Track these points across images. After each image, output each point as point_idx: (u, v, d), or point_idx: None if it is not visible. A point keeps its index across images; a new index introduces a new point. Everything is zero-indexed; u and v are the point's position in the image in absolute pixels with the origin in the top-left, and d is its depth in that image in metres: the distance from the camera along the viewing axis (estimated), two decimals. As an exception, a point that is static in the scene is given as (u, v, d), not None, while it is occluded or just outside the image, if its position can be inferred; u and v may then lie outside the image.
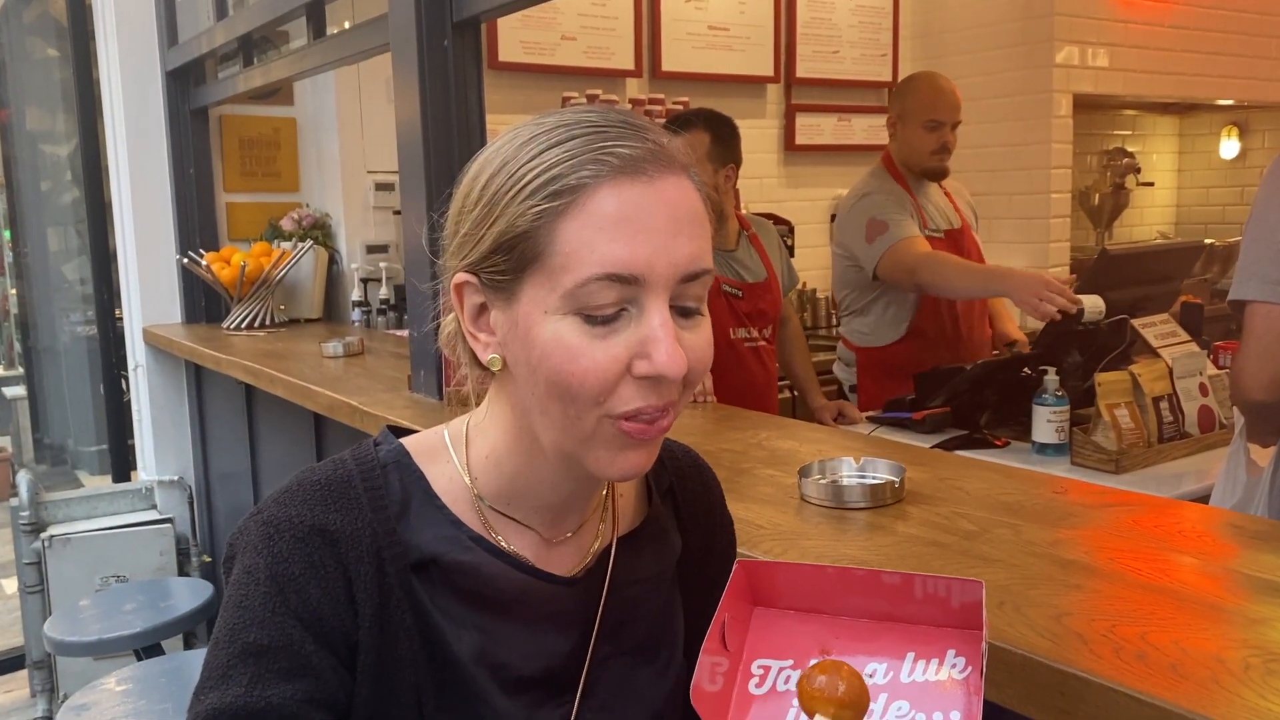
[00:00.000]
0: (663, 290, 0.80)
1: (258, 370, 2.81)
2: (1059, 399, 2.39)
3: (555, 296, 0.79)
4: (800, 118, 4.82)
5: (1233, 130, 6.05)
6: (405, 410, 2.11)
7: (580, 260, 0.78)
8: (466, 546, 0.88)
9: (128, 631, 2.63)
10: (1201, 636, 0.99)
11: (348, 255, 3.90)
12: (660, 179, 0.80)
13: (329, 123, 3.90)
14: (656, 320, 0.80)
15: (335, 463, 0.90)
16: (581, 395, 0.80)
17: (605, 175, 0.79)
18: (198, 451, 3.98)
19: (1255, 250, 1.75)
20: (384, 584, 0.85)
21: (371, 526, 0.86)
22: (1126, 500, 1.47)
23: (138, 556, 3.64)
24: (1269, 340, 1.71)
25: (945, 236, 2.98)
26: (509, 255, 0.81)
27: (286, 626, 0.81)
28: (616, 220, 0.78)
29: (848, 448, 1.78)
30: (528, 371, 0.82)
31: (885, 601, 0.84)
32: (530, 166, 0.80)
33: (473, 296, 0.85)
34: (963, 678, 0.80)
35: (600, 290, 0.78)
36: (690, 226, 0.82)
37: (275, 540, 0.83)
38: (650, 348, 0.79)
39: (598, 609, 0.93)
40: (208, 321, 3.89)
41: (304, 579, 0.82)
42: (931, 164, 2.97)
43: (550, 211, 0.79)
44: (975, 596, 0.80)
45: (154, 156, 3.85)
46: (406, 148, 2.23)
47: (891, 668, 0.82)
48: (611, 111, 0.85)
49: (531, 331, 0.81)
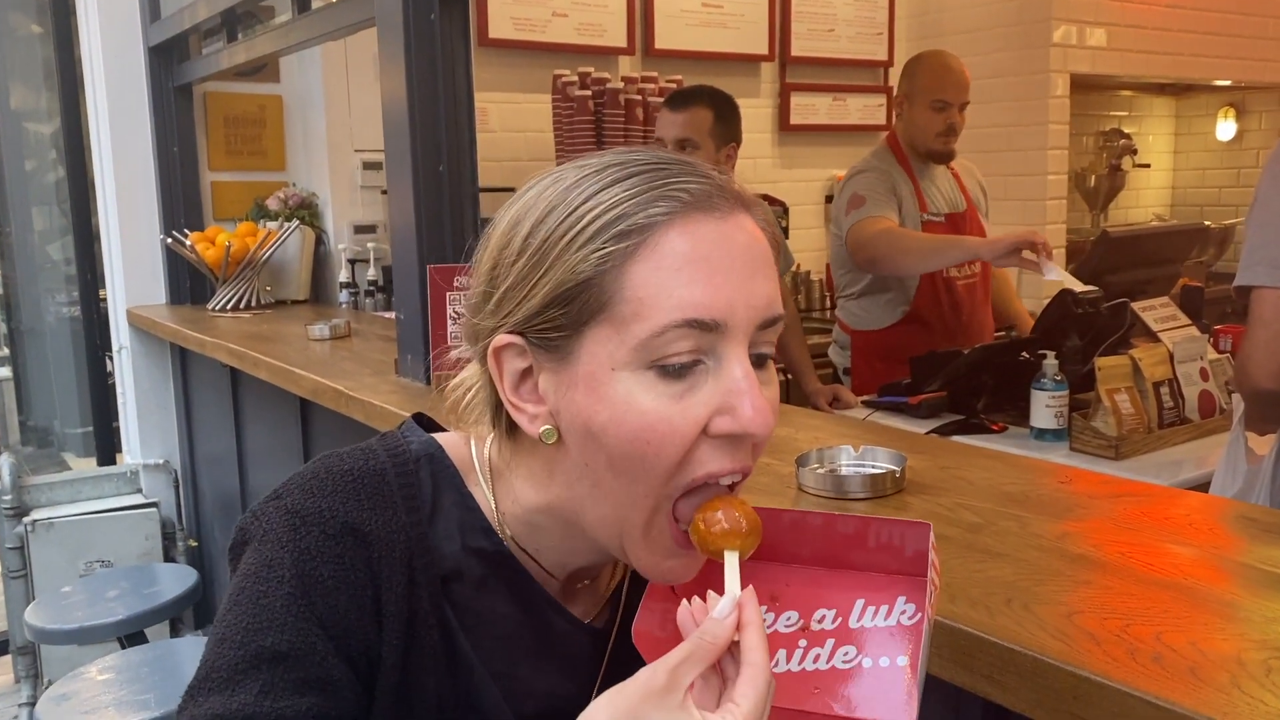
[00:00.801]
0: (742, 337, 0.74)
1: (242, 353, 2.76)
2: (1058, 384, 2.35)
3: (625, 350, 0.72)
4: (795, 97, 4.76)
5: (1229, 111, 6.00)
6: (391, 395, 2.06)
7: (655, 306, 0.71)
8: (495, 561, 0.82)
9: (110, 619, 2.58)
10: (1219, 637, 0.95)
11: (335, 235, 3.83)
12: (731, 216, 0.75)
13: (315, 100, 3.83)
14: (739, 371, 0.73)
15: (365, 452, 0.83)
16: (656, 466, 0.73)
17: (677, 211, 0.72)
18: (183, 435, 3.92)
19: (1262, 234, 1.70)
20: (414, 597, 0.78)
21: (405, 530, 0.79)
22: (1133, 491, 1.43)
23: (122, 541, 3.59)
24: (1277, 327, 1.67)
25: (946, 220, 2.93)
26: (567, 308, 0.73)
27: (309, 634, 0.74)
28: (693, 260, 0.72)
29: (845, 435, 1.73)
30: (586, 440, 0.75)
31: (839, 548, 0.83)
32: (588, 207, 0.73)
33: (515, 361, 0.77)
34: (911, 624, 0.80)
35: (677, 339, 0.71)
36: (765, 268, 0.76)
37: (302, 533, 0.76)
38: (735, 401, 0.73)
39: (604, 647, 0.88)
40: (193, 303, 3.82)
41: (332, 582, 0.75)
42: (936, 146, 2.91)
43: (618, 254, 0.72)
44: (924, 541, 0.80)
45: (137, 134, 3.78)
46: (392, 126, 2.17)
47: (840, 613, 0.82)
48: (658, 151, 0.79)
49: (597, 392, 0.73)
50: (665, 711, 0.65)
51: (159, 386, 3.93)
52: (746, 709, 0.66)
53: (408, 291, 2.16)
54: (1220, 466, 1.98)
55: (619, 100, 4.00)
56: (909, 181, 2.93)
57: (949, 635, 0.99)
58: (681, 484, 0.74)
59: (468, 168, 2.14)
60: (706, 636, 0.69)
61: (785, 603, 0.84)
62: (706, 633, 0.69)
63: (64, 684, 2.29)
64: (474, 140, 2.15)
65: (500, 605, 0.83)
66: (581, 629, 0.86)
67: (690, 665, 0.68)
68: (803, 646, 0.82)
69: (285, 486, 0.80)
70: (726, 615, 0.70)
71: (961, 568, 1.13)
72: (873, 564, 0.83)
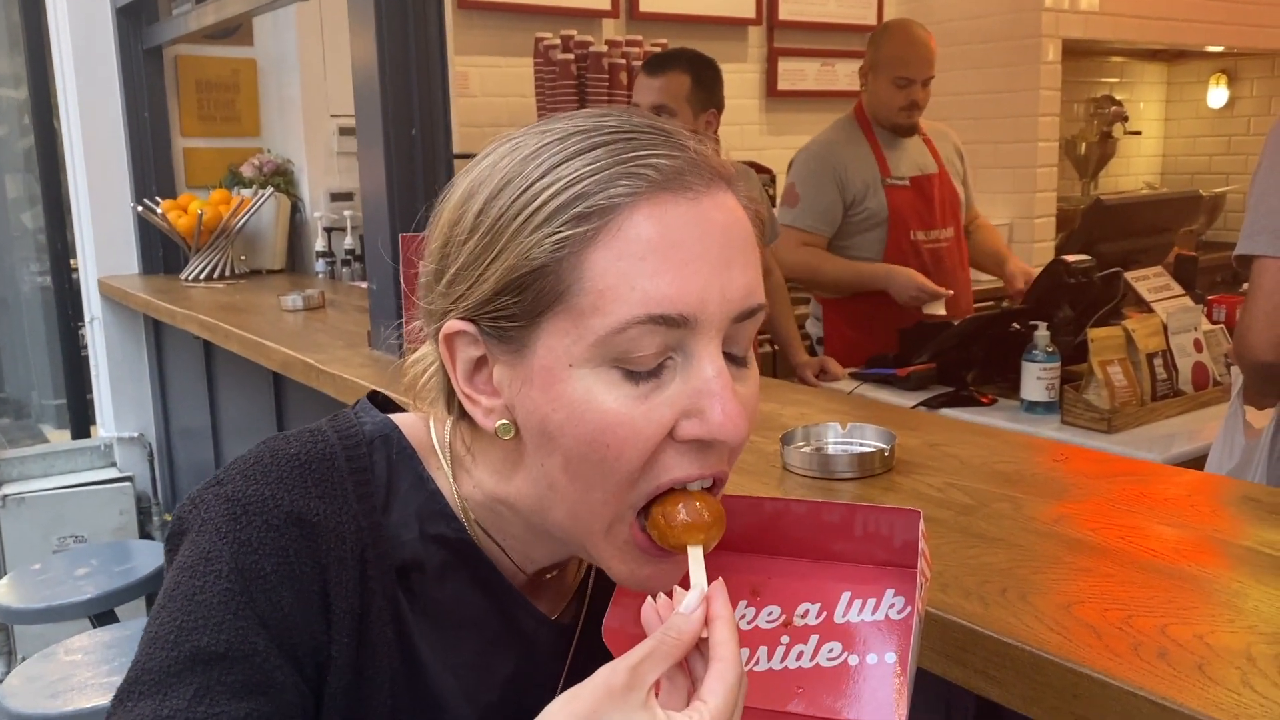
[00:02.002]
0: (715, 333, 0.66)
1: (213, 325, 2.68)
2: (1049, 355, 2.29)
3: (584, 345, 0.65)
4: (782, 62, 4.66)
5: (1221, 78, 5.93)
6: (363, 369, 1.99)
7: (617, 298, 0.64)
8: (456, 548, 0.76)
9: (79, 598, 2.51)
10: (1227, 630, 0.89)
11: (311, 203, 3.74)
12: (706, 195, 0.67)
13: (290, 64, 3.73)
14: (710, 370, 0.66)
15: (314, 435, 0.76)
16: (615, 472, 0.66)
17: (643, 192, 0.65)
18: (158, 407, 3.85)
19: (1266, 203, 1.64)
20: (366, 590, 0.72)
21: (356, 519, 0.72)
22: (1131, 469, 1.37)
23: (97, 516, 3.52)
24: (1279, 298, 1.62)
25: (911, 184, 2.88)
26: (520, 296, 0.66)
27: (249, 633, 0.67)
28: (660, 247, 0.64)
29: (832, 410, 1.67)
30: (542, 440, 0.68)
31: (824, 539, 0.78)
32: (545, 184, 0.66)
33: (468, 349, 0.70)
34: (901, 618, 0.74)
35: (642, 336, 0.64)
36: (743, 253, 0.68)
37: (243, 523, 0.69)
38: (704, 403, 0.66)
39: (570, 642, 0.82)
40: (166, 273, 3.74)
41: (275, 577, 0.68)
42: (899, 120, 2.87)
43: (576, 239, 0.64)
44: (914, 530, 0.74)
45: (106, 99, 3.67)
46: (362, 87, 2.09)
47: (825, 608, 0.76)
48: (632, 115, 0.70)
49: (553, 389, 0.66)
50: (626, 711, 0.59)
51: (132, 358, 3.85)
52: (715, 705, 0.60)
53: (380, 261, 2.08)
54: (1217, 441, 1.93)
55: (602, 64, 3.90)
56: (871, 150, 2.88)
57: (941, 628, 0.94)
58: (644, 492, 0.68)
59: (441, 131, 2.06)
60: (671, 632, 0.63)
61: (766, 597, 0.79)
62: (671, 628, 0.63)
63: (33, 664, 2.23)
64: (448, 102, 2.07)
65: (461, 596, 0.77)
66: (546, 624, 0.80)
67: (653, 662, 0.62)
68: (785, 643, 0.76)
69: (227, 472, 0.73)
70: (693, 610, 0.64)
71: (954, 554, 1.08)
72: (859, 555, 0.78)
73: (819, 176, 2.86)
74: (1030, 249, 4.62)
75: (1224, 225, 5.61)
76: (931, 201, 2.89)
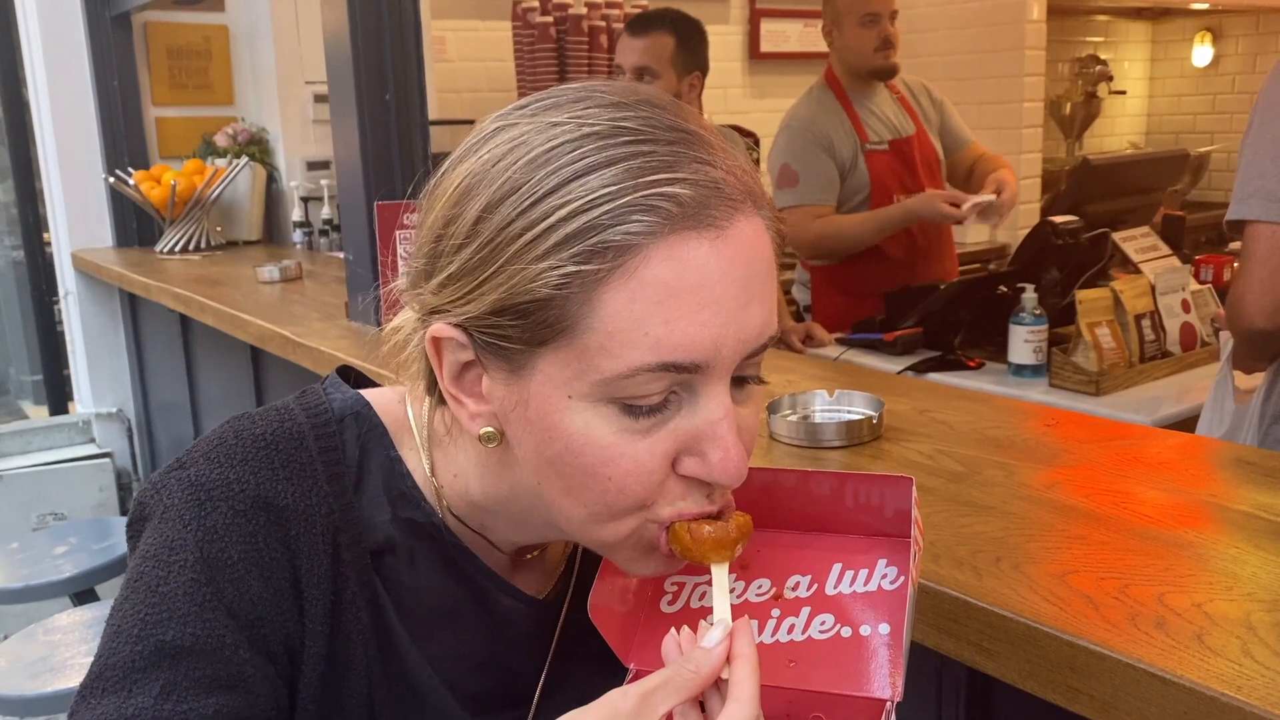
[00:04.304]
0: (725, 374, 0.63)
1: (188, 297, 2.63)
2: (1037, 318, 2.27)
3: (587, 382, 0.61)
4: (765, 23, 4.60)
5: (1206, 36, 5.88)
6: (340, 341, 1.95)
7: (628, 343, 0.59)
8: (429, 534, 0.73)
9: (57, 577, 2.48)
10: (1226, 598, 0.87)
11: (287, 172, 3.68)
12: (730, 228, 0.61)
13: (263, 30, 3.65)
14: (717, 412, 0.62)
15: (280, 413, 0.72)
16: (621, 502, 0.64)
17: (663, 229, 0.59)
18: (136, 382, 3.79)
19: (1257, 165, 1.59)
20: (338, 575, 0.69)
21: (327, 501, 0.69)
22: (1123, 433, 1.35)
23: (76, 493, 3.47)
24: (1274, 263, 1.57)
25: (890, 147, 2.81)
26: (520, 321, 0.61)
27: (216, 625, 0.64)
28: (677, 291, 0.59)
29: (819, 378, 1.64)
30: (541, 463, 0.65)
31: (815, 510, 0.76)
32: (551, 205, 0.59)
33: (457, 353, 0.66)
34: (894, 588, 0.73)
35: (649, 381, 0.61)
36: (764, 286, 0.63)
37: (207, 509, 0.65)
38: (706, 446, 0.63)
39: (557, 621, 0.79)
40: (140, 245, 3.67)
41: (243, 566, 0.65)
42: (878, 62, 2.77)
43: (587, 276, 0.59)
44: (906, 499, 0.72)
45: (74, 68, 3.58)
46: (334, 55, 2.03)
47: (816, 580, 0.75)
48: (652, 113, 0.63)
49: (550, 419, 0.63)
50: None
51: (109, 333, 3.79)
52: None
53: (356, 230, 2.04)
54: (1207, 406, 1.91)
55: (582, 27, 3.84)
56: (845, 117, 2.81)
57: (933, 599, 0.91)
58: (652, 518, 0.65)
59: (416, 96, 2.01)
60: (689, 665, 0.60)
61: (756, 570, 0.76)
62: (690, 661, 0.60)
63: (12, 644, 2.20)
64: (422, 67, 2.02)
65: (435, 581, 0.74)
66: (529, 604, 0.78)
67: (666, 694, 0.59)
68: (775, 617, 0.74)
69: (189, 454, 0.69)
70: (716, 644, 0.61)
71: (946, 523, 1.05)
72: (851, 525, 0.76)
73: (811, 149, 2.79)
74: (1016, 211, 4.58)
75: (1209, 185, 5.59)
76: (913, 164, 2.83)
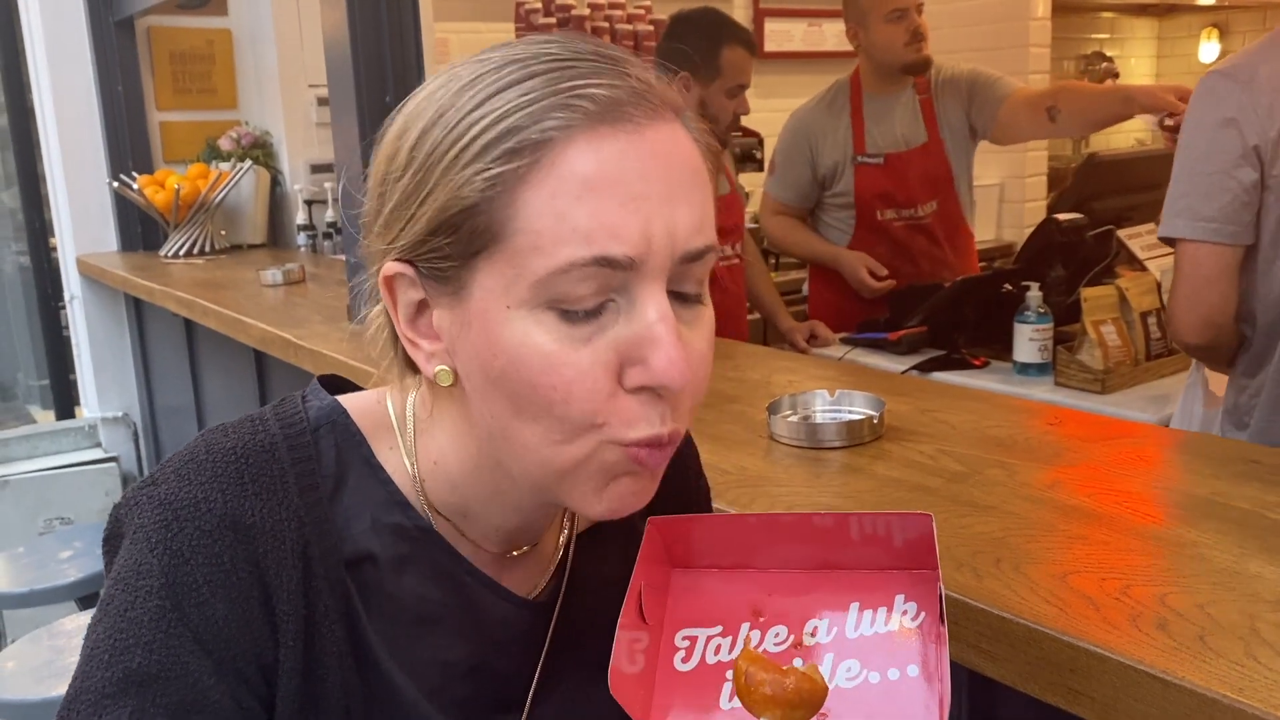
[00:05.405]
0: (659, 274, 0.62)
1: (191, 301, 2.63)
2: (1042, 316, 2.26)
3: (521, 287, 0.61)
4: (769, 23, 4.59)
5: (1213, 32, 5.86)
6: (342, 344, 1.95)
7: (554, 239, 0.60)
8: (412, 538, 0.72)
9: (63, 581, 2.48)
10: (1229, 598, 0.86)
11: (291, 176, 3.68)
12: (650, 126, 0.62)
13: (266, 33, 3.65)
14: (653, 313, 0.62)
15: (255, 424, 0.71)
16: (569, 415, 0.62)
17: (579, 124, 0.61)
18: (142, 386, 3.80)
19: (1184, 182, 1.63)
20: (311, 590, 0.68)
21: (298, 515, 0.68)
22: (1126, 432, 1.34)
23: (82, 497, 3.48)
24: (1196, 282, 1.63)
25: (885, 162, 2.75)
26: (453, 236, 0.63)
27: (181, 652, 0.64)
28: (598, 184, 0.60)
29: (821, 378, 1.64)
30: (487, 386, 0.64)
31: (819, 547, 0.72)
32: (475, 117, 0.62)
33: (408, 292, 0.67)
34: (916, 625, 0.69)
35: (583, 279, 0.60)
36: (692, 189, 0.64)
37: (174, 530, 0.65)
38: (646, 350, 0.62)
39: (550, 621, 0.78)
40: (145, 249, 3.67)
41: (208, 589, 0.65)
42: (910, 56, 2.70)
43: (508, 176, 0.60)
44: (924, 531, 0.69)
45: (78, 73, 3.59)
46: (334, 58, 2.03)
47: (835, 623, 0.71)
48: (577, 41, 0.66)
49: (491, 333, 0.62)
50: None
51: (114, 337, 3.80)
52: None
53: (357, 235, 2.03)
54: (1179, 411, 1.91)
55: (586, 28, 3.83)
56: (849, 123, 2.78)
57: (933, 601, 0.90)
58: (625, 439, 0.64)
59: (416, 99, 2.00)
60: None
61: (771, 616, 0.72)
62: None
63: (18, 648, 2.20)
64: (423, 69, 2.01)
65: (419, 587, 0.72)
66: (520, 605, 0.76)
67: None
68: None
69: (162, 469, 0.69)
70: None
71: (945, 524, 1.04)
72: (860, 560, 0.72)
73: (792, 151, 2.83)
74: (1022, 208, 4.58)
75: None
76: (906, 179, 2.76)
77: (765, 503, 1.13)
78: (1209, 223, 1.59)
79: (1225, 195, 1.57)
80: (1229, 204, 1.57)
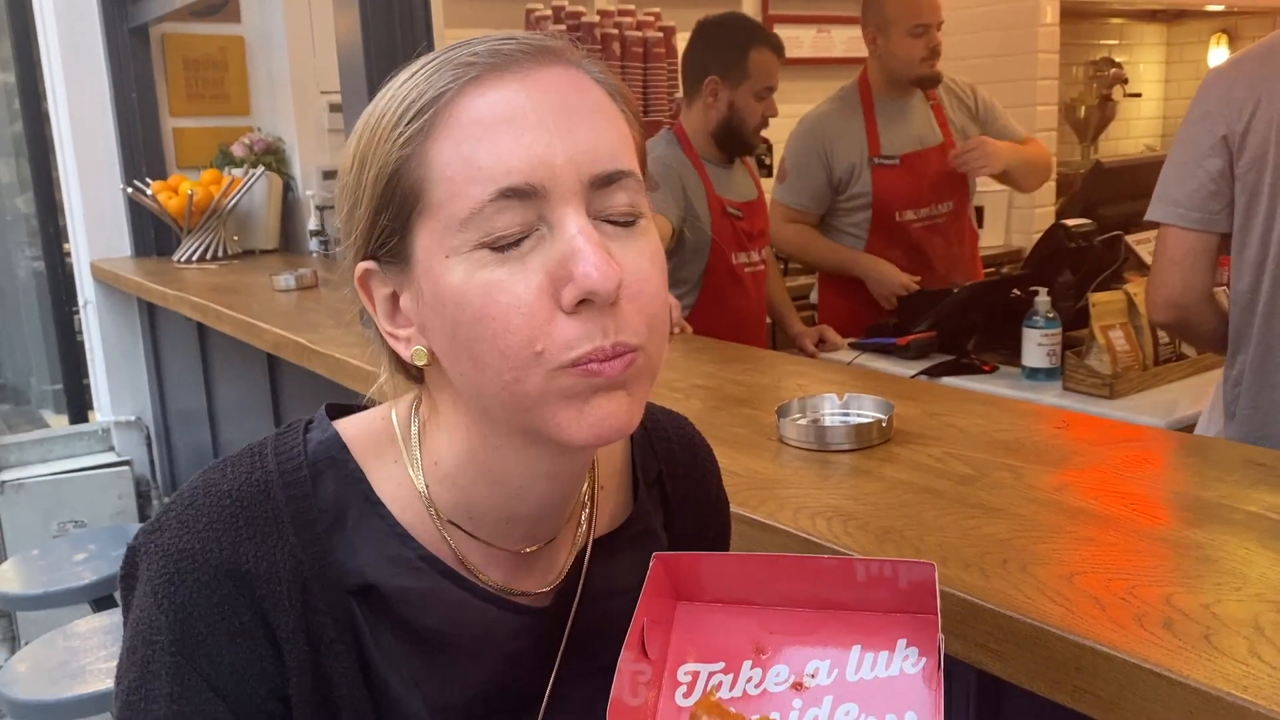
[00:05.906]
0: (571, 198, 0.65)
1: (205, 306, 2.66)
2: (1050, 321, 2.27)
3: (451, 234, 0.65)
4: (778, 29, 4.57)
5: (1221, 38, 5.86)
6: (354, 348, 1.97)
7: (465, 181, 0.64)
8: (415, 568, 0.73)
9: (77, 584, 2.50)
10: (1234, 598, 0.87)
11: (303, 181, 3.70)
12: (538, 71, 0.67)
13: (278, 40, 3.68)
14: (573, 228, 0.65)
15: (252, 461, 0.74)
16: (511, 343, 0.64)
17: (469, 77, 0.66)
18: (154, 390, 3.83)
19: (1165, 170, 1.74)
20: (313, 624, 0.70)
21: (294, 555, 0.70)
22: (1134, 435, 1.35)
23: (96, 500, 3.51)
24: (1161, 262, 1.73)
25: (901, 162, 2.78)
26: (389, 209, 0.67)
27: (199, 700, 0.69)
28: (493, 125, 0.65)
29: (830, 381, 1.65)
30: (450, 347, 0.67)
31: (824, 587, 0.73)
32: (390, 102, 0.68)
33: (380, 288, 0.71)
34: (917, 671, 0.70)
35: (497, 213, 0.64)
36: (589, 117, 0.67)
37: (177, 583, 0.69)
38: (570, 265, 0.64)
39: (564, 630, 0.79)
40: (159, 254, 3.71)
41: (213, 639, 0.68)
42: (924, 71, 2.76)
43: (416, 136, 0.66)
44: (926, 578, 0.70)
45: (93, 80, 3.62)
46: (347, 65, 2.05)
47: (836, 664, 0.71)
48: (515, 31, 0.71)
49: (438, 287, 0.66)
50: None
51: (127, 341, 3.82)
52: None
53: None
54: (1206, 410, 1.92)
55: (595, 35, 3.85)
56: (863, 125, 2.80)
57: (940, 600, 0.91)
58: (562, 362, 0.65)
59: (429, 105, 2.02)
60: None
61: (773, 655, 0.73)
62: None
63: (32, 650, 2.22)
64: (435, 76, 2.03)
65: (425, 615, 0.74)
66: (531, 615, 0.77)
67: None
68: (798, 708, 0.70)
69: (166, 515, 0.73)
70: None
71: (954, 525, 1.05)
72: (864, 602, 0.72)
73: (806, 155, 2.83)
74: (1030, 214, 4.58)
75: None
76: (924, 178, 2.81)
77: (774, 505, 1.14)
78: (1175, 207, 1.69)
79: (1192, 182, 1.67)
80: (1195, 190, 1.67)
